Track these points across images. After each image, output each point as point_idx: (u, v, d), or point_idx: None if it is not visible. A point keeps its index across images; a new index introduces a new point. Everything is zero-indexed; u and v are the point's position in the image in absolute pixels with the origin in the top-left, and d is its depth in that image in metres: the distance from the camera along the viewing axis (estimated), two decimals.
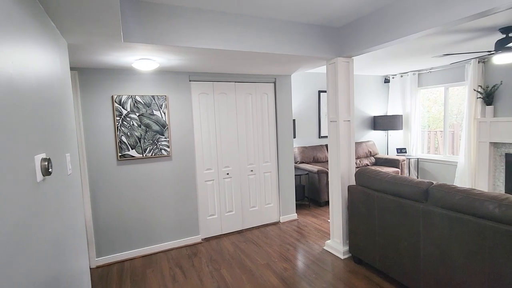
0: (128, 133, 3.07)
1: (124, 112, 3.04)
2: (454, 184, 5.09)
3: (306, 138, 5.36)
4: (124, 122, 3.05)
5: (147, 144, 3.17)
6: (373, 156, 5.73)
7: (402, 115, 5.75)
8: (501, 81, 4.41)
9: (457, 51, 4.06)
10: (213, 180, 3.61)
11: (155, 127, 3.20)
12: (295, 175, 4.47)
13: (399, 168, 5.26)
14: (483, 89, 4.53)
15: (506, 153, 4.37)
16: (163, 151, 3.25)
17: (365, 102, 6.01)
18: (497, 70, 4.47)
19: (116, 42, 2.02)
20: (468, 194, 1.87)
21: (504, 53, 3.01)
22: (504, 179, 4.45)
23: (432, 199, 2.07)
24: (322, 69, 5.00)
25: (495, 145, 4.49)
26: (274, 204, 4.05)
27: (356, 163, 5.50)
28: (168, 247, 3.36)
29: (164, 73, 3.23)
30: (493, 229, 1.69)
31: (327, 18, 2.64)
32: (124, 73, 3.04)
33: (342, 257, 2.95)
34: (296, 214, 4.20)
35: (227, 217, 3.73)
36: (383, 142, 6.28)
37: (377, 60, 4.50)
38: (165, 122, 3.25)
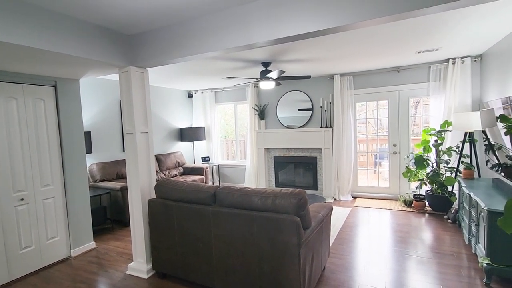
0: None
1: None
2: (244, 184, 6.22)
3: (107, 152, 4.76)
4: None
5: None
6: (181, 166, 5.95)
7: (204, 127, 6.40)
8: (268, 102, 5.90)
9: (238, 76, 5.02)
10: None
11: None
12: (94, 196, 3.83)
13: (203, 175, 5.77)
14: (258, 107, 5.88)
15: (274, 156, 5.86)
16: None
17: (171, 114, 6.17)
18: (264, 93, 5.94)
19: None
20: (242, 192, 2.28)
21: (265, 81, 4.02)
22: (274, 176, 5.94)
23: (219, 201, 2.36)
24: None
25: (267, 150, 5.91)
26: (62, 237, 3.25)
27: (165, 174, 5.50)
28: None
29: None
30: (257, 217, 2.14)
31: (114, 21, 2.44)
32: None
33: (146, 276, 2.78)
34: (94, 242, 3.57)
35: None
36: (190, 152, 6.69)
37: (180, 75, 4.75)
38: None
